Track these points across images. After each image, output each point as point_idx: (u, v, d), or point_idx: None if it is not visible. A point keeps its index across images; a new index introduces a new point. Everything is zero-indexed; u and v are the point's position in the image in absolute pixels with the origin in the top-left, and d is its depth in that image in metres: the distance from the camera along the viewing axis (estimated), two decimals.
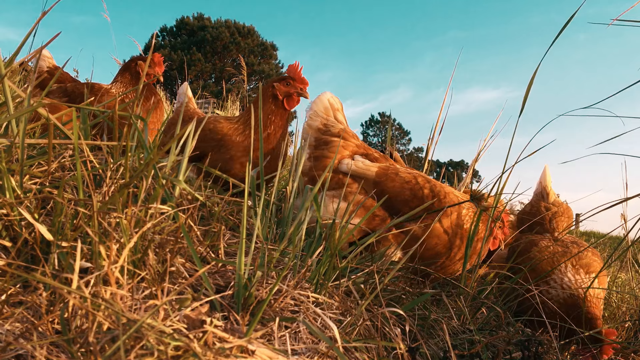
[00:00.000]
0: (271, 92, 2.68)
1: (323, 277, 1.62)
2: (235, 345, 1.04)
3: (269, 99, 2.68)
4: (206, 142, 2.59)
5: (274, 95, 2.67)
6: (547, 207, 3.13)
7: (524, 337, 1.95)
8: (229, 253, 1.71)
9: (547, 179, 3.27)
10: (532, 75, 2.10)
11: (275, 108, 2.67)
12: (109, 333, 0.95)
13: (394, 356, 1.52)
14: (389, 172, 2.39)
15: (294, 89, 2.67)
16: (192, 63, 33.60)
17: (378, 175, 2.36)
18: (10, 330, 0.99)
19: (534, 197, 3.32)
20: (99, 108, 1.95)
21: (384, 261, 2.09)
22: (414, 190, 2.34)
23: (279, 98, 2.67)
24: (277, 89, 2.67)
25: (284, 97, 2.67)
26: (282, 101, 2.68)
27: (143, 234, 1.28)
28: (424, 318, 1.88)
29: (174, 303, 1.17)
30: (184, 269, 1.40)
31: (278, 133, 2.67)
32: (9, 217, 1.19)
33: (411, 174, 2.43)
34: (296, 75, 2.69)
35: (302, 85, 2.68)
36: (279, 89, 2.67)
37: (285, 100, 2.68)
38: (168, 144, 1.35)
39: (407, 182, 2.36)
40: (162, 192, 1.38)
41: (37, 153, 1.60)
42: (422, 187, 2.36)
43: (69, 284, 1.12)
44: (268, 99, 2.68)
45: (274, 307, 1.37)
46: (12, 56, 1.63)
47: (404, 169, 2.46)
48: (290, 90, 2.67)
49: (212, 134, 2.61)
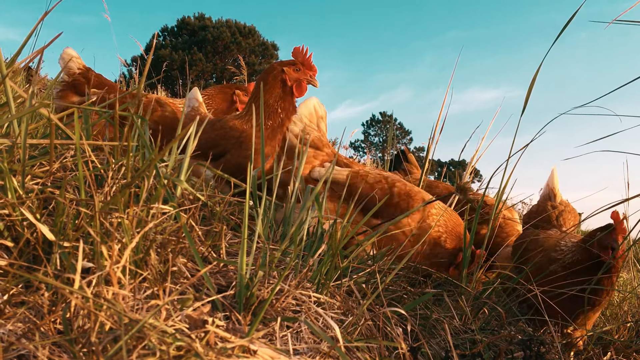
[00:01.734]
0: (280, 77, 2.54)
1: (325, 277, 1.62)
2: (237, 345, 1.04)
3: (277, 83, 2.54)
4: (226, 139, 2.52)
5: (283, 81, 2.53)
6: (553, 206, 3.15)
7: (525, 336, 1.94)
8: (231, 253, 1.71)
9: (555, 180, 3.28)
10: (533, 75, 2.10)
11: (284, 94, 2.55)
12: (111, 333, 0.95)
13: (395, 356, 1.52)
14: (359, 175, 2.48)
15: (304, 76, 2.54)
16: (193, 63, 33.60)
17: (350, 178, 2.44)
18: (13, 330, 0.99)
19: (541, 199, 3.33)
20: (100, 109, 1.95)
21: (385, 261, 2.09)
22: (384, 190, 2.43)
23: (287, 84, 2.54)
24: (287, 74, 2.52)
25: (293, 83, 2.54)
26: (292, 87, 2.55)
27: (145, 234, 1.28)
28: (426, 318, 1.88)
29: (176, 303, 1.17)
30: (186, 269, 1.40)
31: (288, 120, 2.57)
32: (11, 217, 1.19)
33: (381, 174, 2.53)
34: (305, 61, 2.55)
35: (312, 72, 2.55)
36: (289, 75, 2.53)
37: (295, 86, 2.55)
38: (169, 145, 1.35)
39: (378, 182, 2.45)
40: (163, 192, 1.39)
41: (38, 153, 1.60)
42: (391, 186, 2.45)
43: (71, 284, 1.12)
44: (277, 84, 2.54)
45: (276, 307, 1.37)
46: (13, 56, 1.63)
47: (375, 172, 2.54)
48: (300, 76, 2.53)
49: (232, 131, 2.54)
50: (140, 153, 1.76)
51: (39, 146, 1.67)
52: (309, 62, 2.55)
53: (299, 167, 2.17)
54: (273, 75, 2.55)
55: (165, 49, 35.22)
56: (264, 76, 2.60)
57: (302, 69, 2.53)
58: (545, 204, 3.21)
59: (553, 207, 3.13)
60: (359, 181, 2.44)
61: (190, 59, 33.30)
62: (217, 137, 2.57)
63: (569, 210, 3.10)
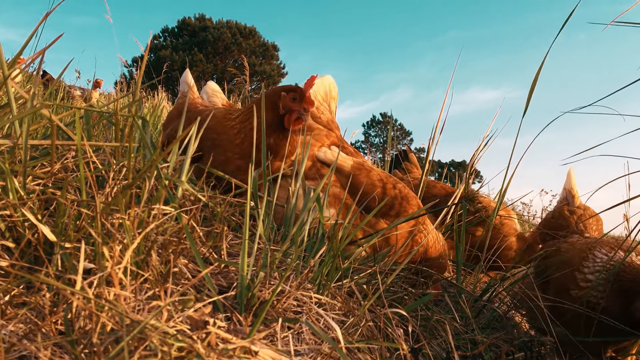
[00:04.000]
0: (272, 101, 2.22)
1: (326, 278, 1.62)
2: (238, 346, 1.04)
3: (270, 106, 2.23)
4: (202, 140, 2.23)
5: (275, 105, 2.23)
6: (571, 211, 2.83)
7: (526, 338, 1.94)
8: (232, 254, 1.72)
9: (572, 181, 2.98)
10: (535, 76, 2.10)
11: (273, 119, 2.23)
12: (113, 334, 0.95)
13: (396, 357, 1.52)
14: (363, 167, 2.40)
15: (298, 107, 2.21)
16: (194, 64, 33.64)
17: (353, 168, 2.36)
18: (14, 331, 1.00)
19: (557, 205, 3.06)
20: (101, 109, 1.95)
21: (386, 262, 2.09)
22: (385, 188, 2.36)
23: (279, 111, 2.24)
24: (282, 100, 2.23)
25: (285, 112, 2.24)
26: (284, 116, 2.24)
27: (146, 235, 1.28)
28: (427, 319, 1.88)
29: (177, 304, 1.17)
30: (187, 270, 1.40)
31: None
32: (12, 218, 1.19)
33: (384, 173, 2.47)
34: (310, 101, 2.22)
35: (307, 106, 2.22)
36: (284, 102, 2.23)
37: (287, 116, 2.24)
38: (171, 146, 1.35)
39: (380, 180, 2.38)
40: (164, 192, 1.39)
41: (40, 154, 1.60)
42: (393, 187, 2.39)
43: (72, 285, 1.12)
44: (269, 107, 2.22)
45: (277, 307, 1.37)
46: (15, 57, 1.63)
47: (377, 169, 2.50)
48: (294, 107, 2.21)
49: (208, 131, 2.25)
50: (141, 154, 1.77)
51: (40, 147, 1.67)
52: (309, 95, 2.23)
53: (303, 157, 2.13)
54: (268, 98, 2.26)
55: (165, 49, 35.27)
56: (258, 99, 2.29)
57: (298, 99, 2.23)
58: (560, 209, 2.90)
59: (571, 212, 2.81)
60: (363, 175, 2.36)
61: (191, 60, 33.33)
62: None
63: (588, 214, 2.78)
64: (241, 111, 2.34)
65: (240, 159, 2.26)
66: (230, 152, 2.26)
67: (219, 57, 36.08)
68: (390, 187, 2.37)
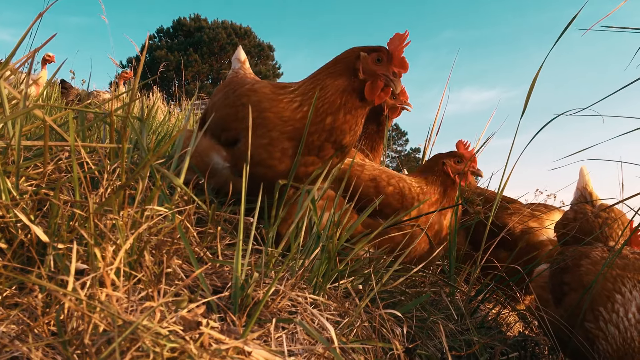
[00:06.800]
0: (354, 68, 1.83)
1: (322, 279, 1.62)
2: (232, 346, 1.04)
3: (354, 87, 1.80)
4: (238, 121, 1.89)
5: (353, 70, 1.79)
6: (595, 213, 2.49)
7: (520, 337, 1.95)
8: (227, 254, 1.71)
9: (587, 178, 2.68)
10: (534, 77, 2.11)
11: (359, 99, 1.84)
12: (105, 335, 0.95)
13: (390, 357, 1.52)
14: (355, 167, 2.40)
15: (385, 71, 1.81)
16: (189, 64, 33.57)
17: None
18: (6, 332, 0.99)
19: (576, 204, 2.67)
20: (95, 110, 1.94)
21: (382, 262, 2.09)
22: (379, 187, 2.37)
23: (359, 76, 1.80)
24: (363, 62, 1.80)
25: (367, 78, 1.80)
26: (364, 85, 1.82)
27: (139, 236, 1.28)
28: (423, 320, 1.88)
29: (170, 304, 1.17)
30: (181, 270, 1.40)
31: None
32: (5, 219, 1.19)
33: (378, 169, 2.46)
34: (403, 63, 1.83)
35: (398, 70, 1.81)
36: (365, 64, 1.80)
37: (369, 84, 1.82)
38: (165, 147, 1.35)
39: (372, 179, 2.39)
40: (158, 192, 1.38)
41: (33, 155, 1.59)
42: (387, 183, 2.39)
43: (64, 285, 1.12)
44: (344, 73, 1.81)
45: (271, 308, 1.37)
46: (8, 57, 1.63)
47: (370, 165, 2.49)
48: (379, 70, 1.80)
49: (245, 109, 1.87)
50: (135, 154, 1.76)
51: (33, 148, 1.66)
52: (403, 59, 1.84)
53: None
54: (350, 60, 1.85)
55: (161, 50, 35.18)
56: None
57: (397, 71, 1.83)
58: (584, 209, 2.56)
59: (595, 216, 2.46)
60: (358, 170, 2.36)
61: (186, 60, 33.25)
62: (227, 116, 1.94)
63: (614, 217, 2.42)
64: (303, 81, 1.94)
65: (290, 139, 1.84)
66: (276, 132, 1.83)
67: (215, 58, 36.01)
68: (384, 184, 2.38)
